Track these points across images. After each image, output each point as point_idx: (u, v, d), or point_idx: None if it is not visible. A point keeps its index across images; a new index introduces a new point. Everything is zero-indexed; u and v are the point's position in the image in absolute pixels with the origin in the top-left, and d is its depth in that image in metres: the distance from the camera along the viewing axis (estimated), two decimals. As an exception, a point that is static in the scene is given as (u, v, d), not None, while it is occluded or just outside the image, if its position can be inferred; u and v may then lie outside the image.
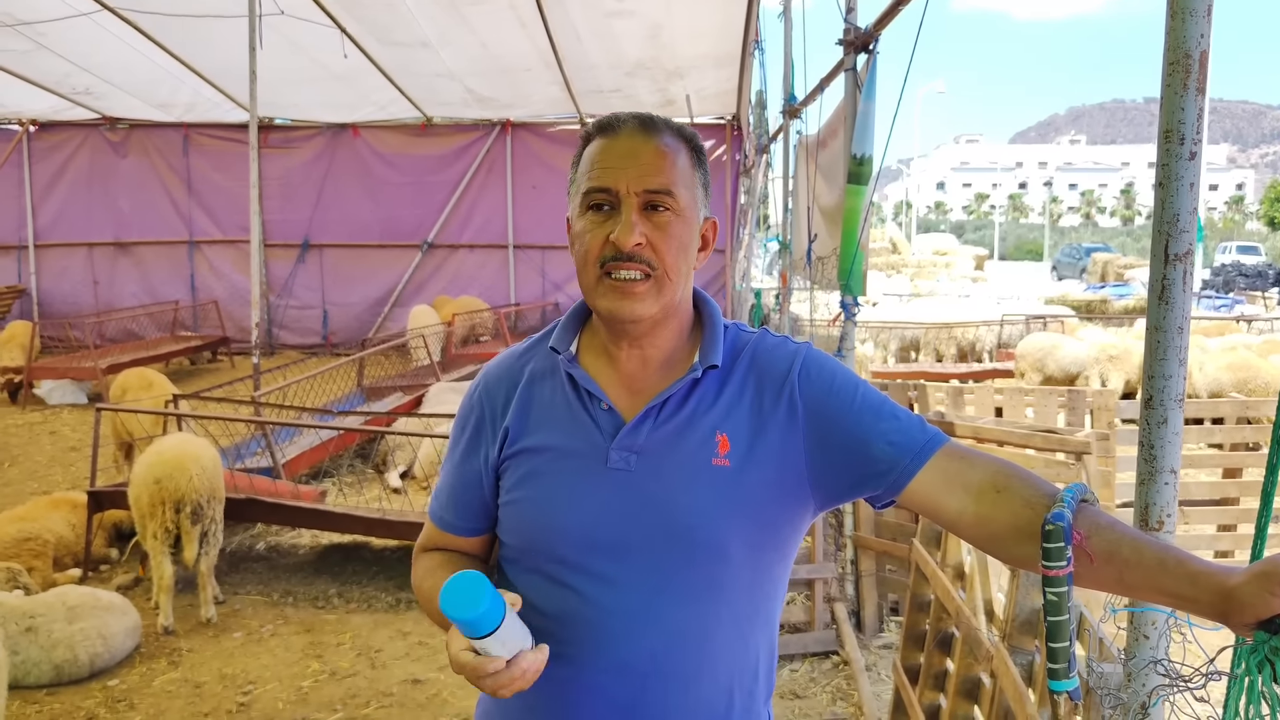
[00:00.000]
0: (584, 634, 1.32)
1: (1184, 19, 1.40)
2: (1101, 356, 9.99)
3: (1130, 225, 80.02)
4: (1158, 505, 1.48)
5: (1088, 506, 1.20)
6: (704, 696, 1.34)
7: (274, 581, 5.45)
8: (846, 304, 4.78)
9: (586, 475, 1.34)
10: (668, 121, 1.37)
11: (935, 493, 1.29)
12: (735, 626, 1.35)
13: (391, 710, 4.04)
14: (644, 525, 1.31)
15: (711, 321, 1.41)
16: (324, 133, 14.12)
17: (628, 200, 1.30)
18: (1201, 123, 1.42)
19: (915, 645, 3.63)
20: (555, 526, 1.34)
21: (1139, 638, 1.51)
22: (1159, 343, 1.46)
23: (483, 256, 14.41)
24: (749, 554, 1.34)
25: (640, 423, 1.33)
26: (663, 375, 1.38)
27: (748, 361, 1.38)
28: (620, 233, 1.29)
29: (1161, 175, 1.44)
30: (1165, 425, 1.46)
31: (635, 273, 1.30)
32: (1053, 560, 1.14)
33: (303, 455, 6.80)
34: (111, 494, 5.47)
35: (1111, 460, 4.63)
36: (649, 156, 1.32)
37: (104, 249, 14.55)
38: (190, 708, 4.04)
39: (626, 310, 1.31)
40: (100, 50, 11.26)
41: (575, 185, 1.37)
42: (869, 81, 4.51)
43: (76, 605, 4.28)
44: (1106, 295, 22.49)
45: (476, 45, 10.98)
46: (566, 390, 1.39)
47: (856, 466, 1.32)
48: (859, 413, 1.33)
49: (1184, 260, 1.43)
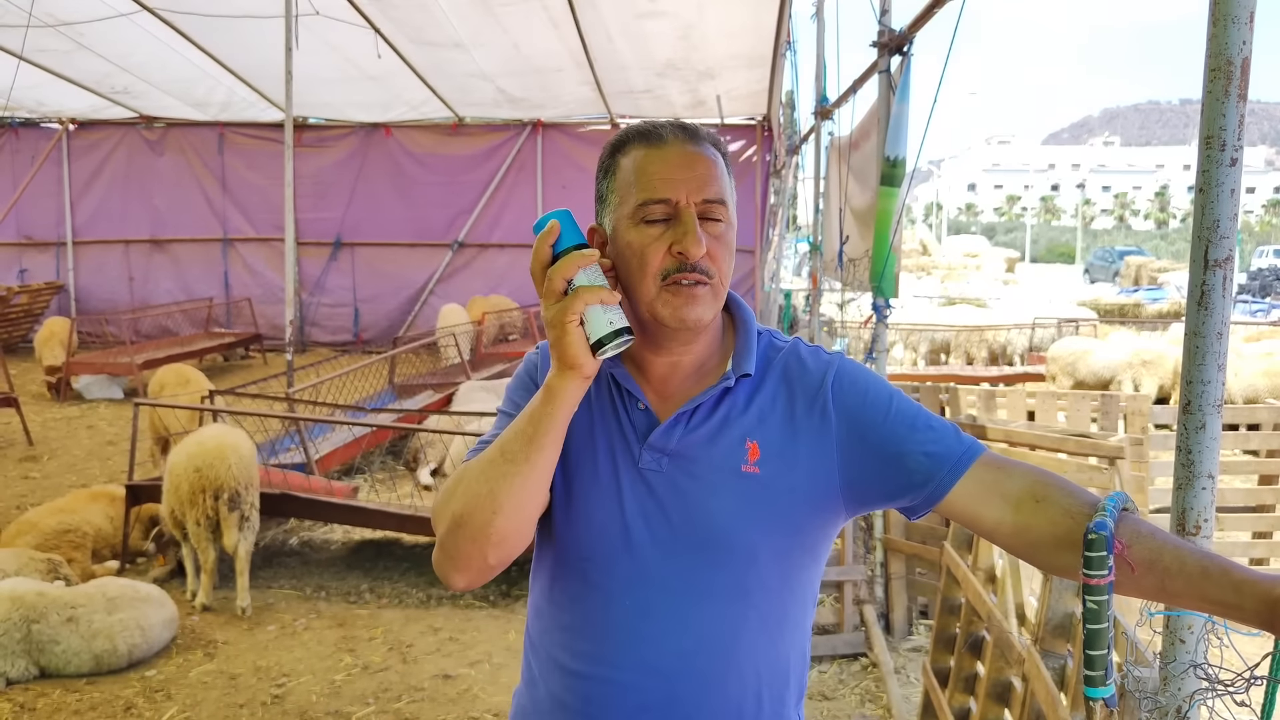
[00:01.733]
0: (614, 634, 1.34)
1: (1225, 25, 1.40)
2: (1135, 361, 9.89)
3: (1164, 228, 79.10)
4: (1195, 510, 1.49)
5: (1129, 515, 1.21)
6: (733, 699, 1.35)
7: (307, 576, 5.52)
8: (878, 306, 4.78)
9: (618, 475, 1.35)
10: (703, 129, 1.38)
11: (973, 503, 1.30)
12: (764, 630, 1.36)
13: (423, 705, 4.08)
14: (674, 528, 1.32)
15: (745, 328, 1.41)
16: (357, 132, 14.25)
17: (688, 211, 1.29)
18: (1242, 129, 1.43)
19: (945, 648, 3.63)
20: (587, 524, 1.35)
21: (1175, 641, 1.51)
22: (1198, 348, 1.46)
23: (513, 256, 14.47)
24: (777, 559, 1.35)
25: (672, 426, 1.34)
26: (694, 381, 1.38)
27: (780, 370, 1.38)
28: (689, 244, 1.28)
29: (1202, 181, 1.44)
30: (1204, 430, 1.47)
31: (697, 281, 1.30)
32: (1094, 569, 1.15)
33: (335, 452, 6.87)
34: (149, 487, 5.56)
35: (1145, 465, 4.60)
36: (702, 166, 1.32)
37: (140, 246, 14.76)
38: (226, 699, 4.10)
39: (693, 316, 1.30)
40: (139, 50, 11.43)
41: (615, 195, 1.35)
42: (903, 83, 4.51)
43: (116, 596, 4.36)
44: (1140, 299, 22.25)
45: (509, 45, 11.04)
46: (607, 387, 1.40)
47: (892, 478, 1.33)
48: (894, 424, 1.33)
49: (1224, 266, 1.44)
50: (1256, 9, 1.41)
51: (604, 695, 1.34)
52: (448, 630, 4.81)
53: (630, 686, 1.33)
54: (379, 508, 5.60)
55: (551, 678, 1.41)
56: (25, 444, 8.46)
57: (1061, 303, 20.37)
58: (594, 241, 1.37)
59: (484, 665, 4.44)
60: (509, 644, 4.66)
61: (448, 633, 4.78)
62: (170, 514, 4.92)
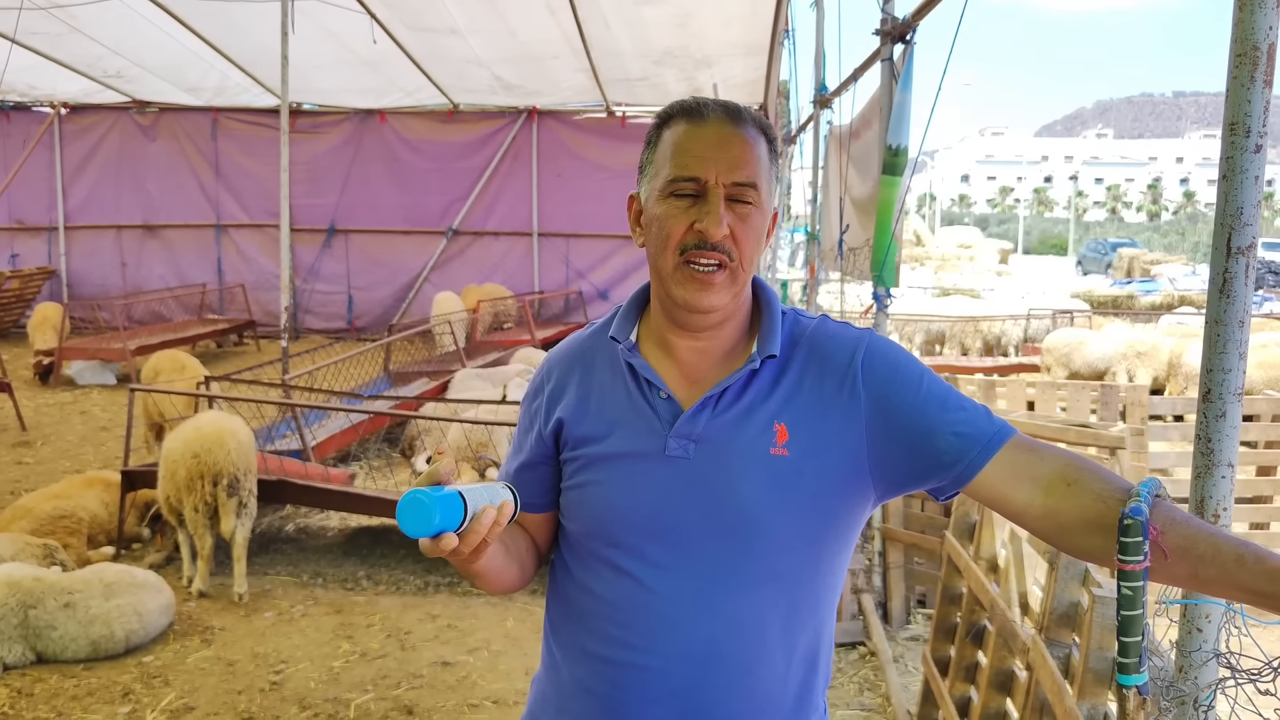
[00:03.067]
0: (643, 620, 1.33)
1: (1253, 10, 1.39)
2: (1129, 352, 9.92)
3: (1156, 221, 79.29)
4: (1214, 499, 1.48)
5: (1161, 502, 1.20)
6: (762, 684, 1.34)
7: (303, 563, 5.50)
8: (879, 295, 4.77)
9: (646, 463, 1.35)
10: (750, 111, 1.37)
11: (1003, 484, 1.29)
12: (794, 616, 1.36)
13: (422, 691, 4.07)
14: (703, 513, 1.32)
15: (770, 310, 1.40)
16: (351, 118, 14.19)
17: (715, 191, 1.30)
18: (1267, 114, 1.42)
19: (946, 637, 3.63)
20: (615, 513, 1.35)
21: (1192, 630, 1.51)
22: (1219, 336, 1.45)
23: (507, 244, 14.44)
24: (808, 543, 1.34)
25: (698, 411, 1.34)
26: (721, 365, 1.38)
27: (807, 349, 1.37)
28: (709, 223, 1.29)
29: (1225, 168, 1.43)
30: (1224, 419, 1.46)
31: (715, 263, 1.30)
32: (1129, 555, 1.14)
33: (332, 438, 6.85)
34: (144, 473, 5.53)
35: (1144, 455, 4.61)
36: (738, 148, 1.31)
37: (132, 231, 14.68)
38: (224, 685, 4.09)
39: (704, 301, 1.31)
40: (132, 34, 11.33)
41: (653, 167, 1.36)
42: (906, 72, 4.49)
43: (113, 582, 4.34)
44: (1133, 291, 22.31)
45: (505, 32, 10.99)
46: (626, 378, 1.40)
47: (921, 458, 1.32)
48: (924, 403, 1.32)
49: (1246, 254, 1.43)
50: (1283, -6, 1.40)
51: (632, 680, 1.34)
52: (446, 617, 4.80)
53: (659, 672, 1.33)
54: (376, 494, 5.58)
55: (576, 663, 1.41)
56: (18, 430, 8.41)
57: (1055, 294, 20.43)
58: (631, 209, 1.42)
59: (482, 652, 4.44)
60: (507, 631, 4.66)
61: (446, 620, 4.77)
62: (167, 500, 4.90)
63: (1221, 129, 1.45)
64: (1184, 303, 19.04)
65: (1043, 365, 10.61)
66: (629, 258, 14.01)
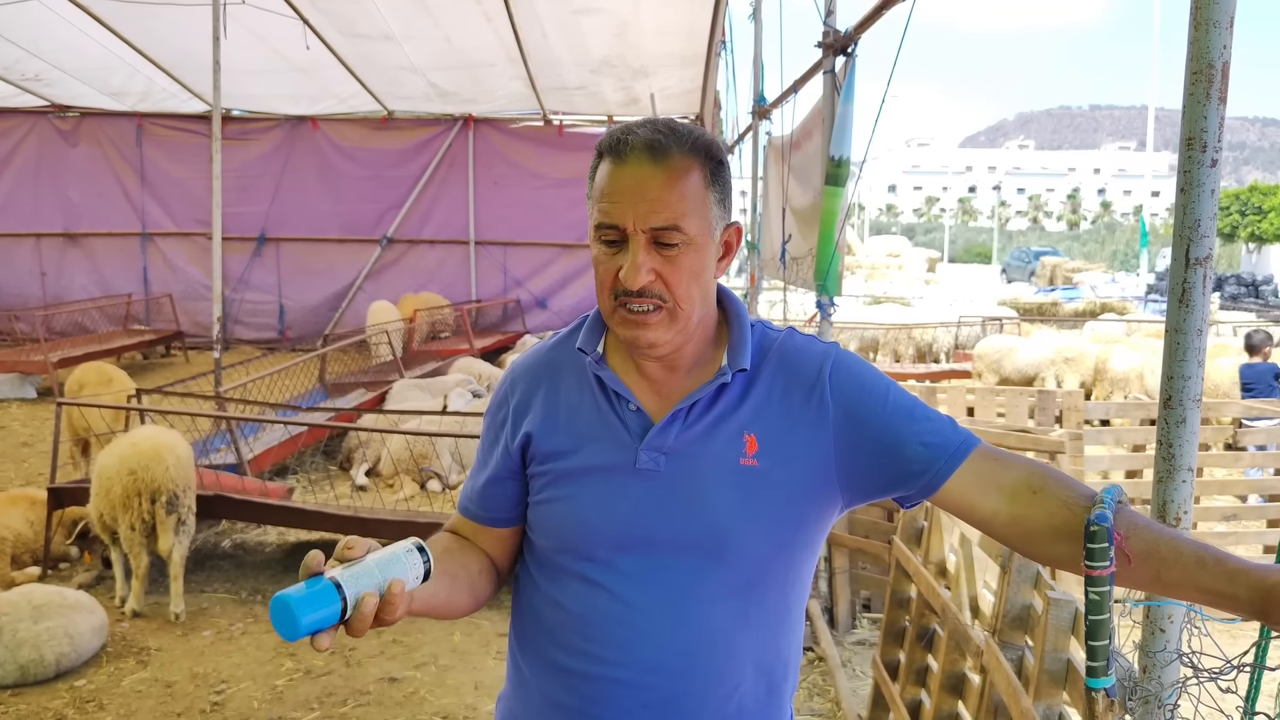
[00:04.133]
0: (615, 633, 1.33)
1: (1207, 30, 1.44)
2: (1057, 358, 10.18)
3: (1076, 230, 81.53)
4: (1175, 502, 1.52)
5: (1124, 508, 1.24)
6: (735, 694, 1.35)
7: (241, 579, 5.38)
8: (822, 304, 4.82)
9: (616, 477, 1.34)
10: (679, 134, 1.31)
11: (970, 493, 1.32)
12: (767, 625, 1.37)
13: (369, 709, 4.00)
14: (674, 525, 1.32)
15: (739, 323, 1.41)
16: (282, 125, 13.92)
17: (635, 237, 1.28)
18: (1222, 131, 1.46)
19: (895, 641, 3.68)
20: (586, 527, 1.34)
21: (1155, 631, 1.55)
22: (1179, 344, 1.49)
23: (443, 252, 14.29)
24: (778, 552, 1.35)
25: (669, 424, 1.34)
26: (689, 378, 1.38)
27: (776, 361, 1.38)
28: (627, 273, 1.28)
29: (1183, 181, 1.48)
30: (1184, 425, 1.50)
31: (647, 306, 1.29)
32: (1096, 560, 1.17)
33: (269, 451, 6.71)
34: (72, 490, 5.35)
35: (1081, 460, 4.74)
36: (656, 189, 1.27)
37: (52, 240, 14.18)
38: (162, 707, 3.97)
39: (643, 339, 1.31)
40: (51, 36, 10.99)
41: (590, 203, 1.34)
42: (848, 84, 4.55)
43: (43, 604, 4.19)
44: (1057, 298, 22.91)
45: (440, 39, 10.90)
46: (594, 391, 1.39)
47: (890, 468, 1.34)
48: (892, 414, 1.34)
49: (1204, 264, 1.47)
50: (1235, 15, 1.45)
51: (604, 694, 1.34)
52: (391, 632, 4.72)
53: (632, 685, 1.32)
54: (316, 509, 5.47)
55: (546, 678, 1.39)
56: (-67, 446, 8.08)
57: (982, 302, 20.88)
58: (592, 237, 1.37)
59: (430, 667, 4.38)
60: (454, 645, 4.60)
61: (391, 635, 4.69)
62: (100, 518, 4.74)
63: (1179, 144, 1.49)
64: (1105, 309, 19.61)
65: (974, 371, 10.84)
66: (568, 266, 13.98)
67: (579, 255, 13.90)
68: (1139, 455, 5.55)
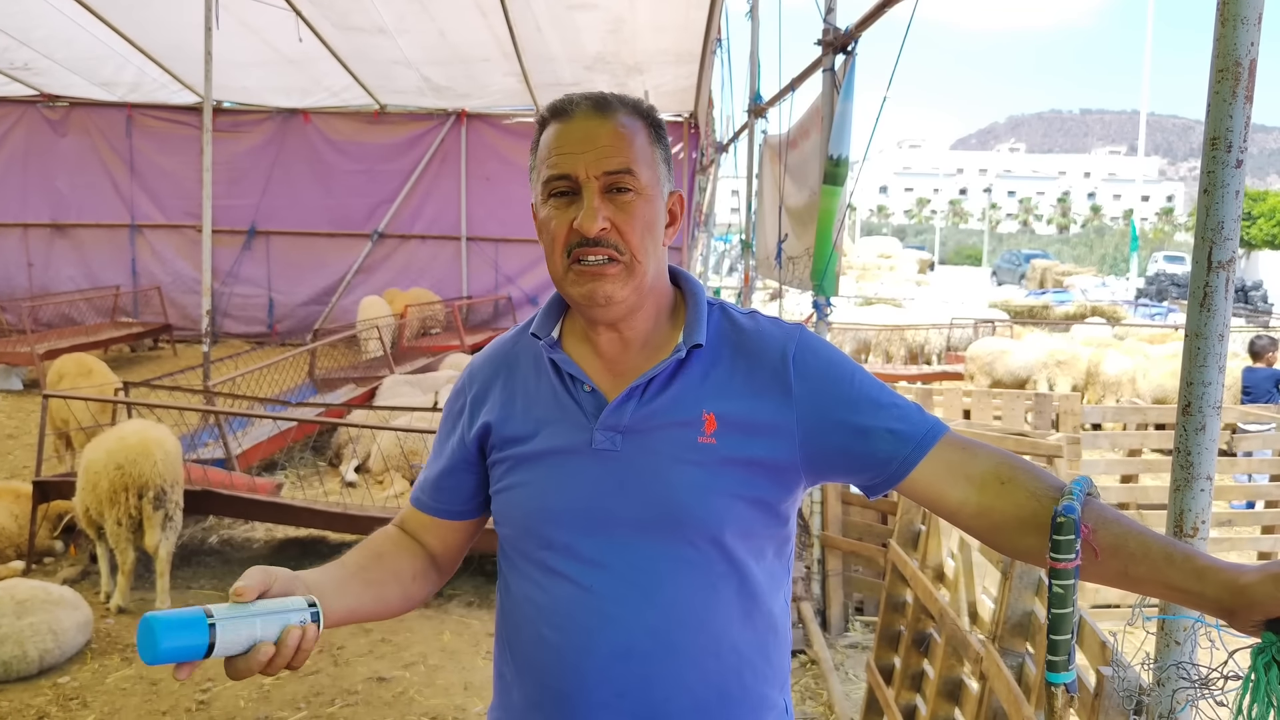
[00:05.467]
0: (583, 620, 1.30)
1: (1235, 26, 1.40)
2: (1050, 361, 10.18)
3: (1065, 233, 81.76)
4: (1193, 511, 1.49)
5: (1093, 500, 1.21)
6: (712, 678, 1.31)
7: (228, 576, 5.30)
8: (819, 304, 4.79)
9: (573, 459, 1.32)
10: (622, 99, 1.34)
11: (936, 482, 1.29)
12: (738, 603, 1.33)
13: (357, 709, 3.95)
14: (634, 504, 1.29)
15: (694, 300, 1.39)
16: (274, 117, 13.83)
17: (588, 185, 1.28)
18: (1247, 130, 1.43)
19: (889, 645, 3.65)
20: (545, 512, 1.33)
21: (1170, 643, 1.52)
22: (1199, 349, 1.46)
23: (434, 248, 14.22)
24: (741, 530, 1.32)
25: (624, 402, 1.32)
26: (645, 356, 1.36)
27: (738, 342, 1.36)
28: (583, 219, 1.27)
29: (1207, 182, 1.44)
30: (1203, 432, 1.47)
31: (602, 257, 1.28)
32: (1061, 553, 1.14)
33: (258, 447, 6.65)
34: (57, 484, 5.29)
35: (1078, 464, 4.72)
36: (606, 138, 1.29)
37: (40, 230, 14.06)
38: (147, 705, 3.91)
39: (599, 293, 1.29)
40: (42, 25, 10.89)
41: (536, 172, 1.34)
42: (847, 82, 4.52)
43: (26, 599, 4.12)
44: (1048, 301, 22.95)
45: (435, 33, 10.83)
46: (550, 376, 1.38)
47: (855, 454, 1.31)
48: (857, 400, 1.32)
49: (1226, 268, 1.44)
50: (1264, 10, 1.41)
51: (577, 686, 1.30)
52: (379, 631, 4.67)
53: (603, 673, 1.29)
54: (305, 505, 5.43)
55: (524, 679, 1.37)
56: (-84, 437, 7.99)
57: (973, 304, 20.91)
58: (536, 218, 1.36)
59: (419, 667, 4.33)
60: (443, 645, 4.55)
61: (380, 634, 4.64)
62: (86, 512, 4.68)
63: (1203, 144, 1.46)
64: (1095, 313, 19.65)
65: (966, 373, 10.83)
66: (559, 263, 13.94)
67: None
68: (1134, 460, 5.53)
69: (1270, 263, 31.86)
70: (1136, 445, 5.68)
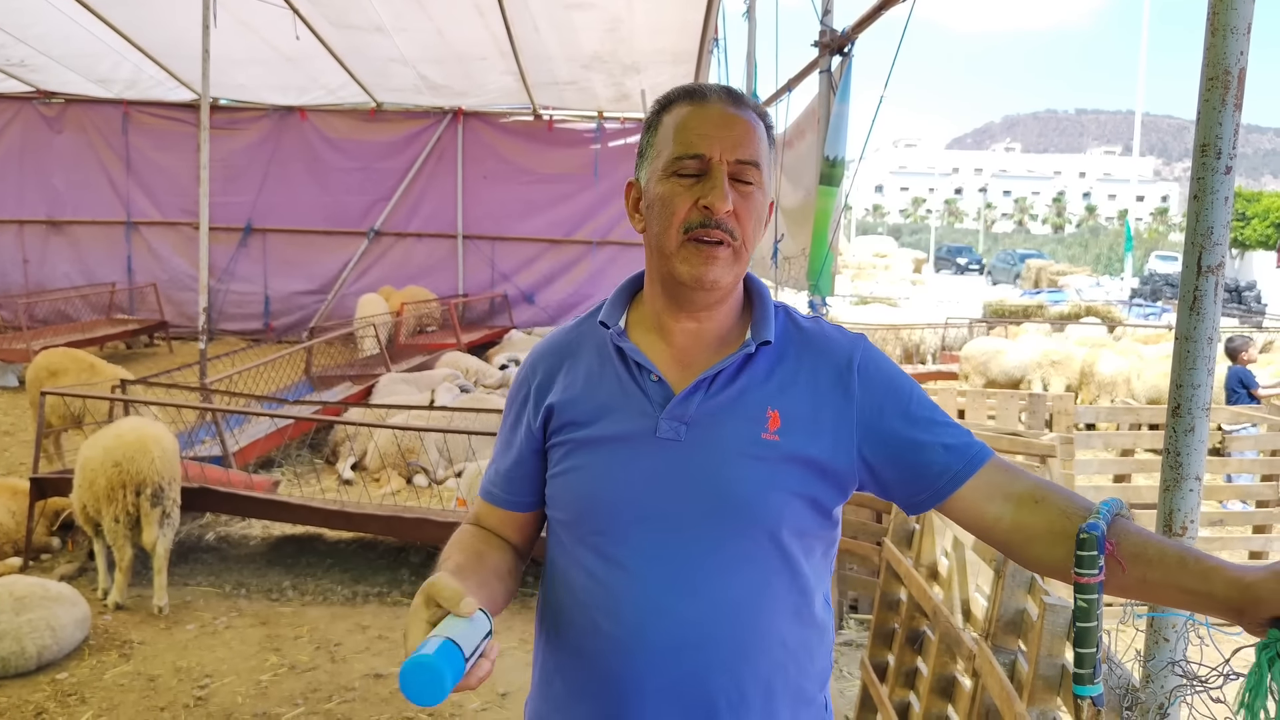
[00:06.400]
0: (635, 608, 1.31)
1: (1224, 36, 1.43)
2: (1044, 361, 10.21)
3: (1060, 233, 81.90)
4: (1182, 511, 1.52)
5: (1122, 520, 1.24)
6: (761, 672, 1.33)
7: (225, 573, 5.32)
8: (815, 304, 4.82)
9: (635, 446, 1.34)
10: (749, 97, 1.40)
11: (979, 499, 1.33)
12: (788, 600, 1.35)
13: (354, 705, 3.97)
14: (693, 496, 1.31)
15: (761, 299, 1.43)
16: (271, 115, 13.83)
17: (719, 168, 1.31)
18: (1236, 138, 1.45)
19: (884, 643, 3.67)
20: (603, 498, 1.34)
21: (1159, 640, 1.54)
22: (1189, 352, 1.49)
23: (430, 246, 14.23)
24: (796, 526, 1.34)
25: (691, 393, 1.34)
26: (714, 350, 1.39)
27: (804, 344, 1.40)
28: (714, 197, 1.30)
29: (1196, 188, 1.47)
30: (1192, 433, 1.50)
31: (719, 239, 1.31)
32: (1085, 568, 1.18)
33: (254, 444, 6.66)
34: (56, 481, 5.30)
35: (1071, 464, 4.75)
36: (740, 128, 1.33)
37: (35, 227, 14.06)
38: (145, 701, 3.92)
39: (708, 277, 1.31)
40: (38, 21, 10.88)
41: (654, 149, 1.37)
42: (844, 83, 4.55)
43: (24, 596, 4.13)
44: (1043, 301, 23.00)
45: (432, 31, 10.84)
46: (615, 364, 1.39)
47: (907, 464, 1.35)
48: (915, 415, 1.36)
49: (1216, 272, 1.47)
50: (1253, 20, 1.44)
51: (626, 673, 1.32)
52: (376, 628, 4.69)
53: (652, 662, 1.31)
54: (302, 502, 5.44)
55: (570, 668, 1.38)
56: (-88, 434, 7.99)
57: (968, 303, 20.95)
58: (629, 196, 1.42)
59: (416, 664, 4.34)
60: (441, 642, 4.56)
61: (376, 630, 4.66)
62: (83, 509, 4.69)
63: (1193, 151, 1.48)
64: (1090, 313, 19.69)
65: (961, 373, 10.86)
66: (555, 261, 13.95)
67: (566, 251, 13.87)
68: (1127, 460, 5.56)
69: (1264, 263, 31.96)
70: (1130, 445, 5.72)
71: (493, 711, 3.95)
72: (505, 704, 4.01)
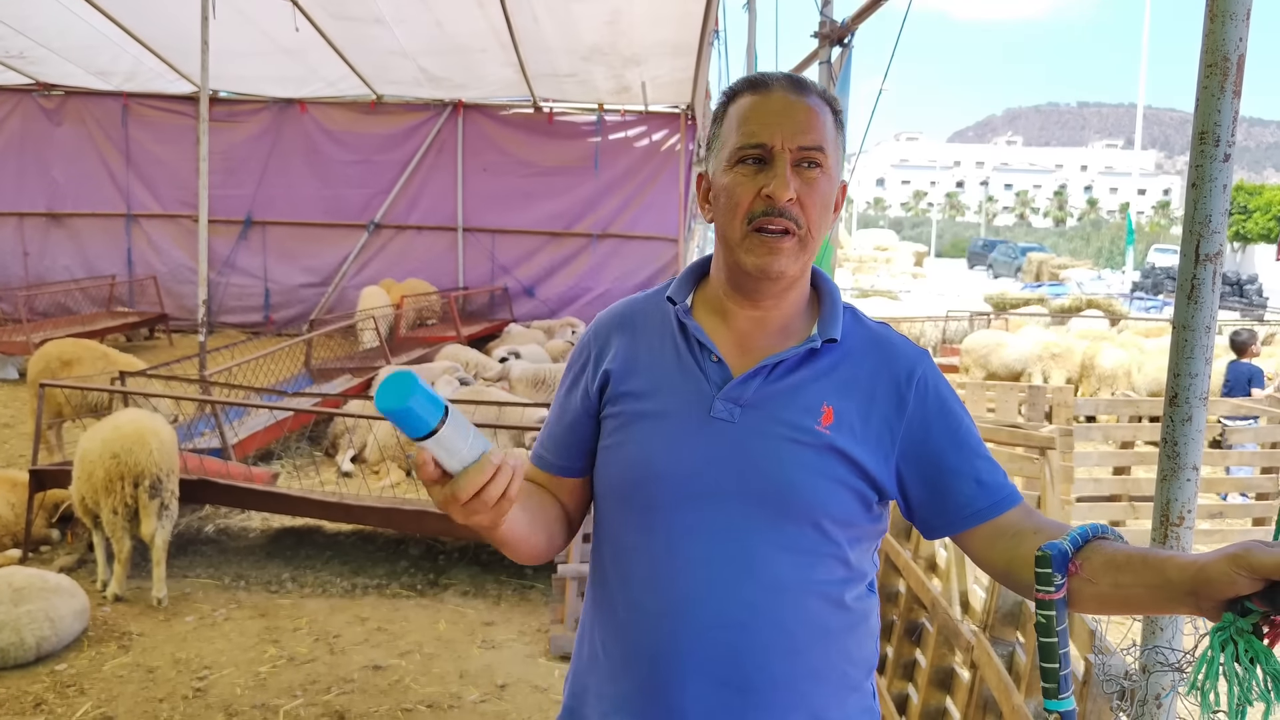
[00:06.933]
0: (681, 584, 1.32)
1: (1223, 22, 1.42)
2: (1044, 354, 10.20)
3: (1062, 226, 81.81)
4: (1179, 501, 1.51)
5: (1104, 540, 1.21)
6: (804, 653, 1.33)
7: (224, 565, 5.33)
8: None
9: (689, 423, 1.35)
10: (814, 84, 1.40)
11: (991, 538, 1.35)
12: (832, 585, 1.35)
13: (353, 696, 3.97)
14: (743, 476, 1.32)
15: (831, 297, 1.43)
16: (270, 107, 13.78)
17: (781, 156, 1.32)
18: (1235, 125, 1.44)
19: (882, 635, 3.67)
20: (653, 472, 1.35)
21: (1155, 630, 1.54)
22: (1186, 341, 1.48)
23: (430, 238, 14.19)
24: (842, 517, 1.34)
25: (751, 377, 1.35)
26: (776, 339, 1.40)
27: (868, 348, 1.40)
28: (776, 186, 1.30)
29: (1195, 176, 1.46)
30: (1189, 423, 1.49)
31: (782, 228, 1.31)
32: (1042, 585, 1.18)
33: (254, 436, 6.66)
34: (54, 472, 5.30)
35: (1070, 456, 4.74)
36: (802, 114, 1.34)
37: (35, 220, 14.02)
38: (144, 692, 3.93)
39: (773, 267, 1.32)
40: (38, 13, 10.84)
41: (720, 140, 1.39)
42: (843, 75, 4.54)
43: (23, 587, 4.14)
44: (1044, 294, 22.98)
45: (432, 23, 10.80)
46: (677, 339, 1.41)
47: (936, 488, 1.36)
48: (960, 444, 1.37)
49: (1214, 260, 1.46)
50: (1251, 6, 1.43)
51: (671, 649, 1.32)
52: (375, 620, 4.69)
53: (698, 639, 1.31)
54: (301, 494, 5.43)
55: (615, 642, 1.39)
56: (-88, 426, 7.99)
57: (969, 297, 20.93)
58: (700, 187, 1.44)
59: (414, 655, 4.35)
60: (439, 634, 4.57)
61: (375, 622, 4.67)
62: (82, 501, 4.69)
63: (1191, 138, 1.47)
64: (1091, 306, 19.67)
65: (961, 366, 10.85)
66: (555, 254, 13.91)
67: (567, 244, 13.85)
68: (1127, 452, 5.56)
69: (1266, 257, 31.92)
70: (1129, 437, 5.71)
71: (491, 703, 3.95)
72: (504, 695, 4.01)
